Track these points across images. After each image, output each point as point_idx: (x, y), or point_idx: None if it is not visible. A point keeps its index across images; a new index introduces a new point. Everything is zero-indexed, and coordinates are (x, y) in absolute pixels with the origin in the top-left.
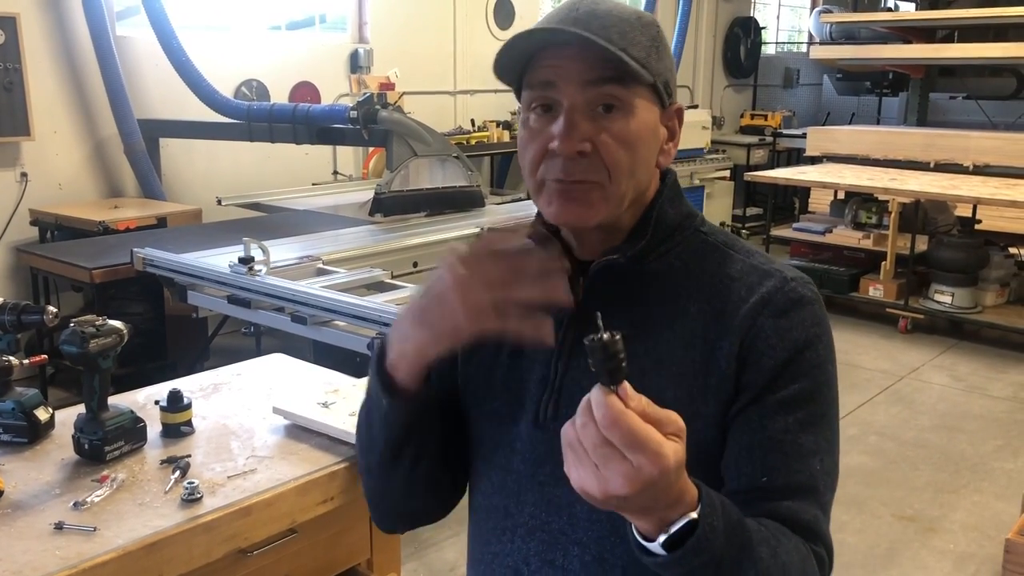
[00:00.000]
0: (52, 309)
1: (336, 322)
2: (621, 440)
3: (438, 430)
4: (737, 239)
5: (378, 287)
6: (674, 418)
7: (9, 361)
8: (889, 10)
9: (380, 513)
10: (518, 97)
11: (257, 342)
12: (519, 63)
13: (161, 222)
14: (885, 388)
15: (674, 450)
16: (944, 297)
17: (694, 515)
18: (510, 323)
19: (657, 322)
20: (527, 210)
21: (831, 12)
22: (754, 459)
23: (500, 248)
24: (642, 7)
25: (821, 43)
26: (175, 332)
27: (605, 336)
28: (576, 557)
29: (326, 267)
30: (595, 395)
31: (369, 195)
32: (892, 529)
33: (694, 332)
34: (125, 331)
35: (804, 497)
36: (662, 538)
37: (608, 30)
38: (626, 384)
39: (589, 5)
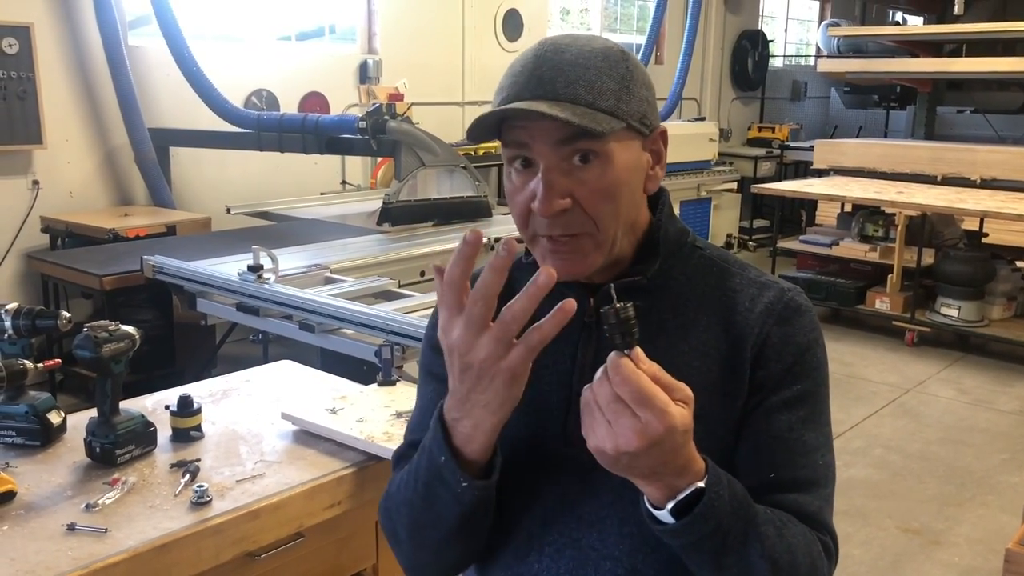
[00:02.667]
0: (66, 314)
1: (344, 330)
2: (631, 396)
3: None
4: (729, 254)
5: (385, 296)
6: (683, 387)
7: (23, 365)
8: (897, 24)
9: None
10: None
11: (264, 350)
12: (491, 128)
13: (170, 230)
14: (891, 401)
15: (680, 413)
16: (951, 310)
17: (701, 484)
18: (534, 349)
19: (671, 335)
20: None
21: (839, 26)
22: (761, 456)
23: (489, 296)
24: (651, 19)
25: (829, 56)
26: (183, 339)
27: (618, 306)
28: (609, 571)
29: (334, 276)
30: (610, 359)
31: (377, 205)
32: (897, 542)
33: (707, 343)
34: (137, 336)
35: (808, 490)
36: (670, 504)
37: (574, 86)
38: (638, 349)
39: (552, 58)
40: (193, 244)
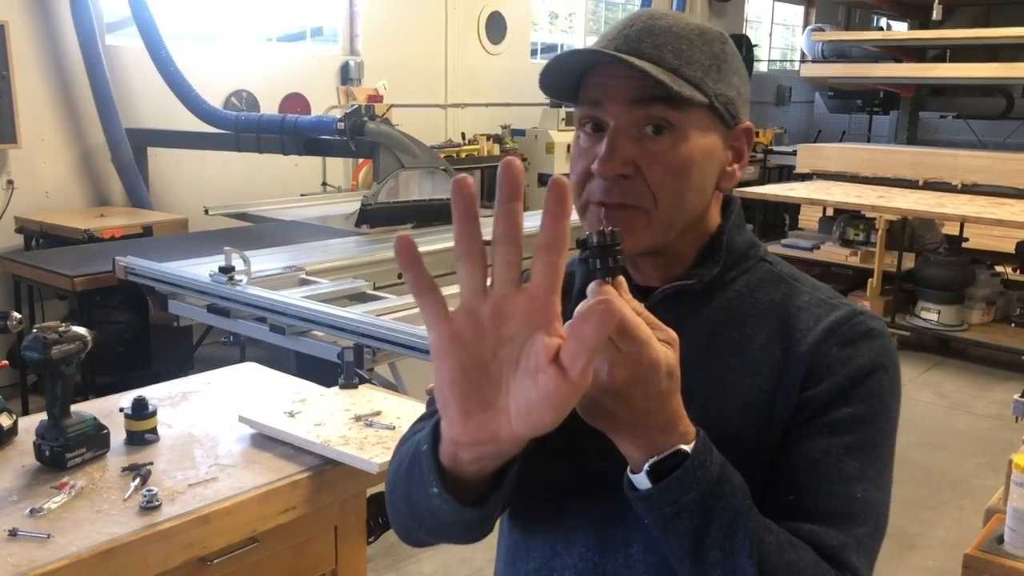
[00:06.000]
0: (16, 315)
1: (315, 332)
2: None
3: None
4: (802, 273)
5: (360, 298)
6: (667, 328)
7: None
8: (880, 29)
9: (406, 540)
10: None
11: (241, 352)
12: (566, 82)
13: (147, 231)
14: None
15: (664, 353)
16: (930, 315)
17: (686, 448)
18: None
19: (722, 350)
20: None
21: (823, 31)
22: (785, 477)
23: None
24: None
25: (813, 61)
26: (159, 341)
27: (607, 231)
28: None
29: (309, 277)
30: (591, 287)
31: (358, 206)
32: None
33: (761, 361)
34: (89, 338)
35: (834, 524)
36: (649, 464)
37: (661, 49)
38: (621, 279)
39: (645, 21)
40: (169, 245)
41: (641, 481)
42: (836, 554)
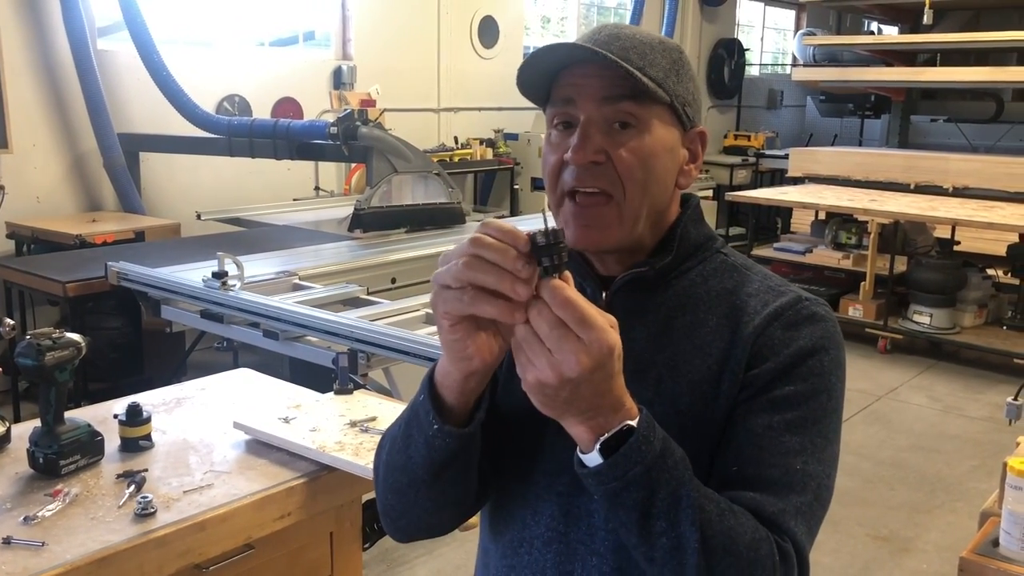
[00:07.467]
0: (9, 321)
1: (308, 337)
2: (573, 317)
3: (478, 456)
4: (756, 264)
5: (353, 303)
6: (606, 314)
7: None
8: (871, 34)
9: (396, 528)
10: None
11: (234, 357)
12: (541, 81)
13: (139, 236)
14: (863, 408)
15: (615, 338)
16: (923, 318)
17: (632, 423)
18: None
19: (676, 333)
20: None
21: (814, 35)
22: (731, 451)
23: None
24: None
25: (804, 65)
26: (152, 347)
27: (548, 228)
28: (595, 568)
29: (302, 283)
30: (543, 285)
31: (350, 211)
32: (867, 549)
33: (711, 343)
34: (83, 344)
35: (774, 492)
36: (600, 442)
37: (627, 51)
38: (567, 274)
39: (612, 30)
40: (161, 250)
41: (592, 459)
42: (774, 519)
